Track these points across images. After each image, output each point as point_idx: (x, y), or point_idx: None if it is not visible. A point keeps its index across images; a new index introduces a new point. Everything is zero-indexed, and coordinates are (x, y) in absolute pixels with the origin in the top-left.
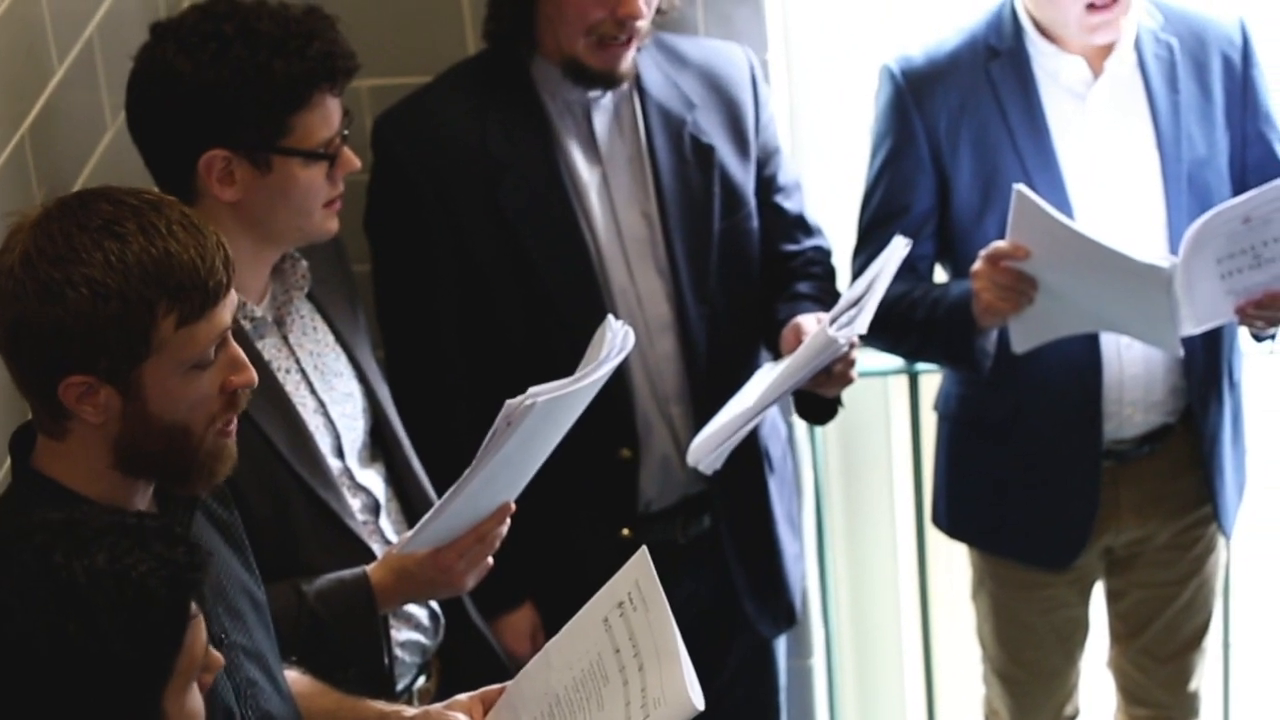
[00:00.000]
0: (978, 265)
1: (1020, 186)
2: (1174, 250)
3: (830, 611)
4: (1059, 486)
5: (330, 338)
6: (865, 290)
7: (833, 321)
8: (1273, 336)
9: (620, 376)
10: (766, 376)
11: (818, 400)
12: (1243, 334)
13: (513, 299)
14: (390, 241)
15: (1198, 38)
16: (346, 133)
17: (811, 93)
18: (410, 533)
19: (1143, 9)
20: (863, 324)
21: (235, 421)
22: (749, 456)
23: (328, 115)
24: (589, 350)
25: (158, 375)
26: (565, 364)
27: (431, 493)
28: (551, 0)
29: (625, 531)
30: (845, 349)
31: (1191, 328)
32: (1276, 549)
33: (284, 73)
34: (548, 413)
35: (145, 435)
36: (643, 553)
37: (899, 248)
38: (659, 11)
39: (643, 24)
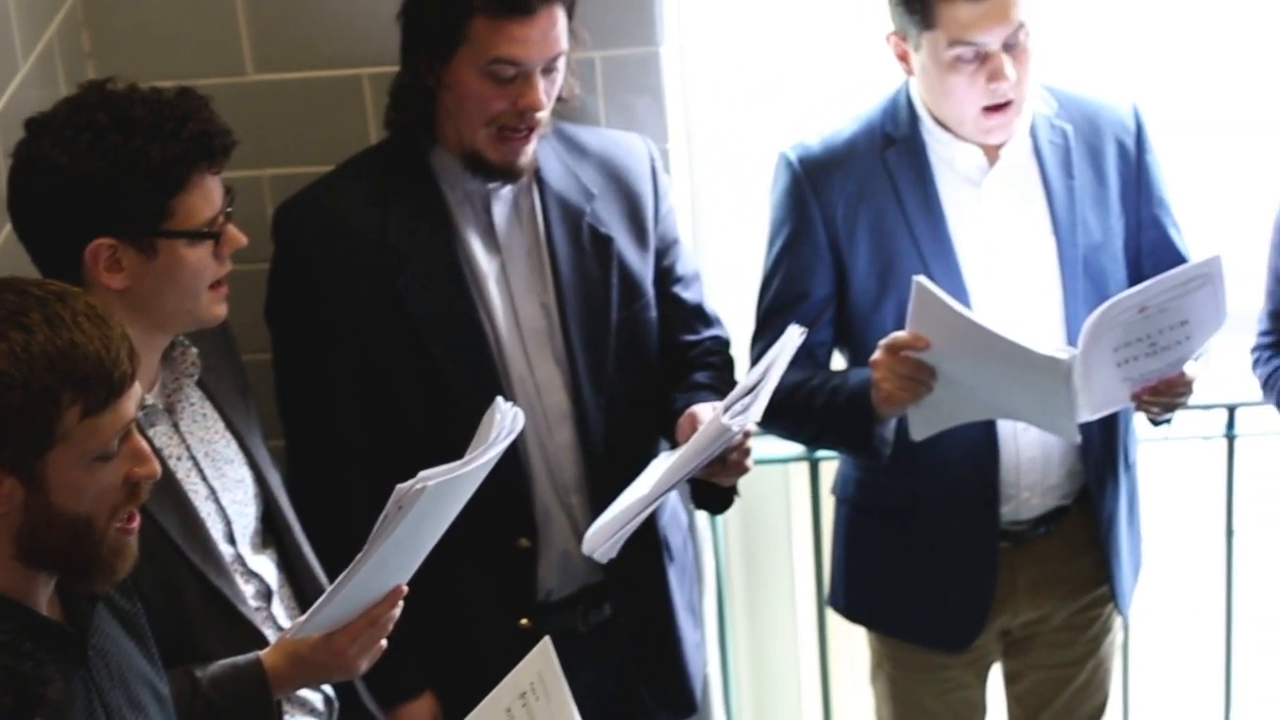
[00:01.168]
0: (877, 355)
1: (920, 278)
2: (1071, 336)
3: (732, 698)
4: (956, 569)
5: (220, 424)
6: (760, 378)
7: (726, 410)
8: (1169, 421)
9: (518, 466)
10: (662, 465)
11: (715, 489)
12: (1138, 418)
13: (412, 389)
14: (290, 331)
15: (1092, 123)
16: (230, 210)
17: (712, 182)
18: (304, 617)
19: (1037, 95)
20: (756, 412)
21: (137, 518)
22: (648, 546)
23: (209, 194)
24: (478, 433)
25: (61, 467)
26: (465, 453)
27: (323, 578)
28: (452, 92)
29: (524, 621)
30: (739, 437)
31: (1089, 415)
32: (1174, 628)
33: (161, 157)
34: (439, 496)
35: (48, 527)
36: (545, 643)
37: (793, 336)
38: (559, 100)
39: (543, 115)
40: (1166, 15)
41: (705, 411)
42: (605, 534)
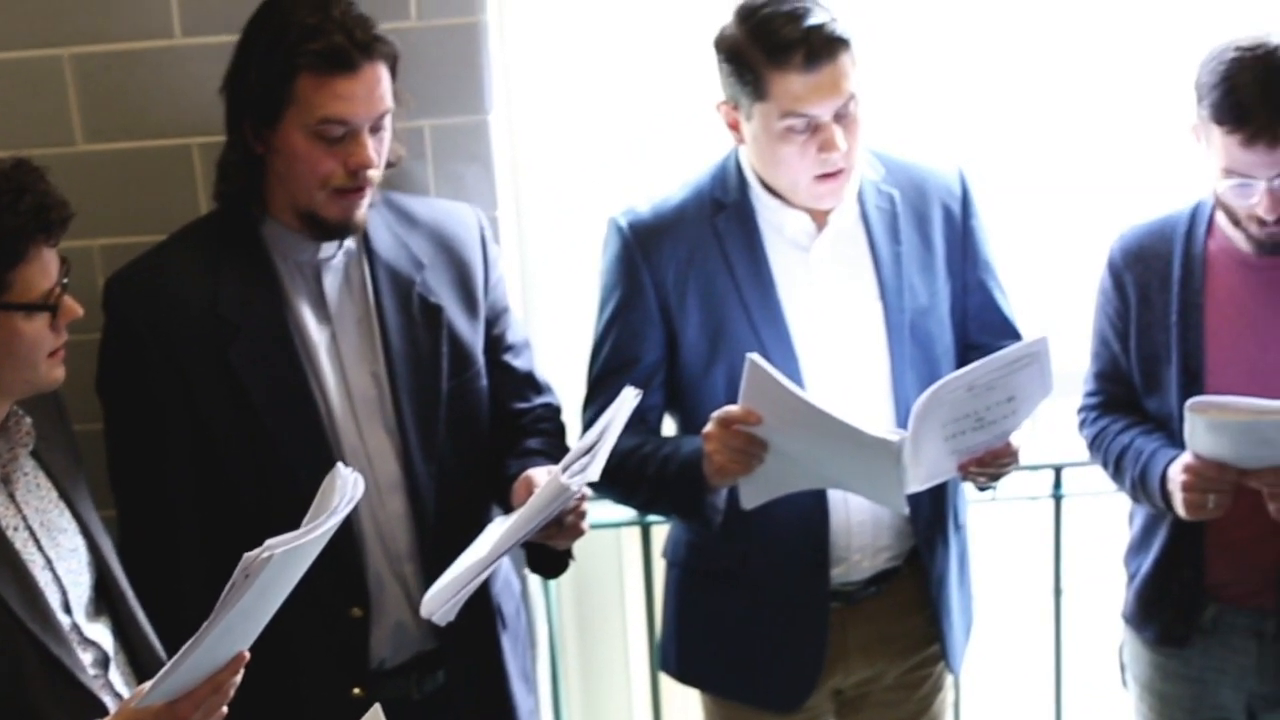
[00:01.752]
0: (710, 428)
1: (754, 356)
2: (898, 398)
3: None
4: (787, 630)
5: (54, 494)
6: (597, 439)
7: (565, 469)
8: (994, 488)
9: (350, 536)
10: (500, 528)
11: (550, 553)
12: (966, 482)
13: (243, 459)
14: (121, 401)
15: (918, 189)
16: (66, 281)
17: (541, 250)
18: (149, 684)
19: (864, 161)
20: (595, 471)
21: None
22: (482, 613)
23: (45, 266)
24: (318, 500)
25: None
26: (296, 524)
27: (158, 645)
28: (282, 156)
29: (357, 690)
30: (577, 498)
31: (917, 486)
32: (1004, 686)
33: None
34: (284, 564)
35: None
36: (376, 710)
37: (629, 398)
38: (388, 165)
39: (374, 174)
40: (991, 81)
41: (541, 475)
42: (444, 596)
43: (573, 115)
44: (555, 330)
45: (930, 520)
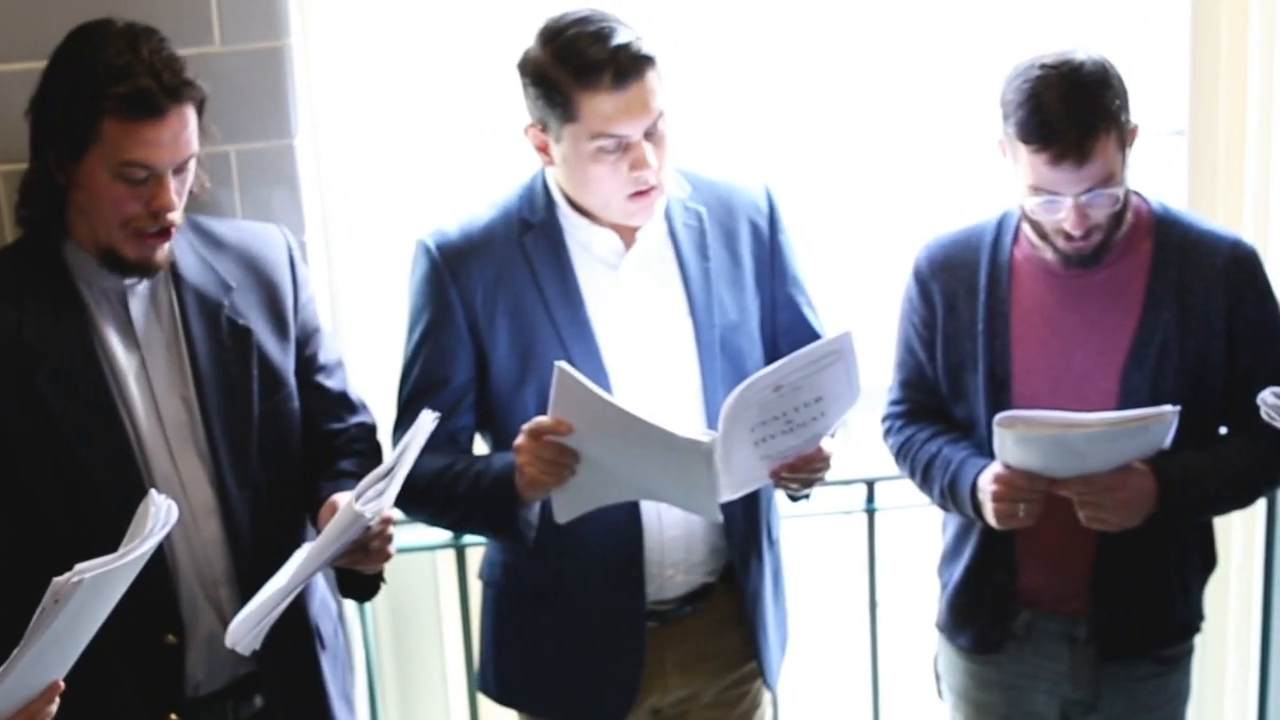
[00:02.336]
0: (520, 440)
1: (561, 363)
2: (710, 415)
3: None
4: (604, 649)
5: None
6: (394, 464)
7: (359, 496)
8: (807, 497)
9: (163, 562)
10: (303, 555)
11: (359, 577)
12: (779, 493)
13: (54, 488)
14: None
15: (726, 206)
16: None
17: (350, 271)
18: None
19: (672, 180)
20: (389, 499)
21: None
22: (300, 635)
23: None
24: (132, 526)
25: None
26: (110, 551)
27: None
28: (84, 191)
29: (173, 717)
30: (376, 524)
31: (730, 494)
32: (822, 701)
33: None
34: (95, 590)
35: None
36: None
37: (426, 422)
38: (191, 195)
39: (175, 215)
40: (795, 97)
41: (345, 499)
42: (247, 625)
43: (379, 137)
44: (366, 351)
45: (744, 536)
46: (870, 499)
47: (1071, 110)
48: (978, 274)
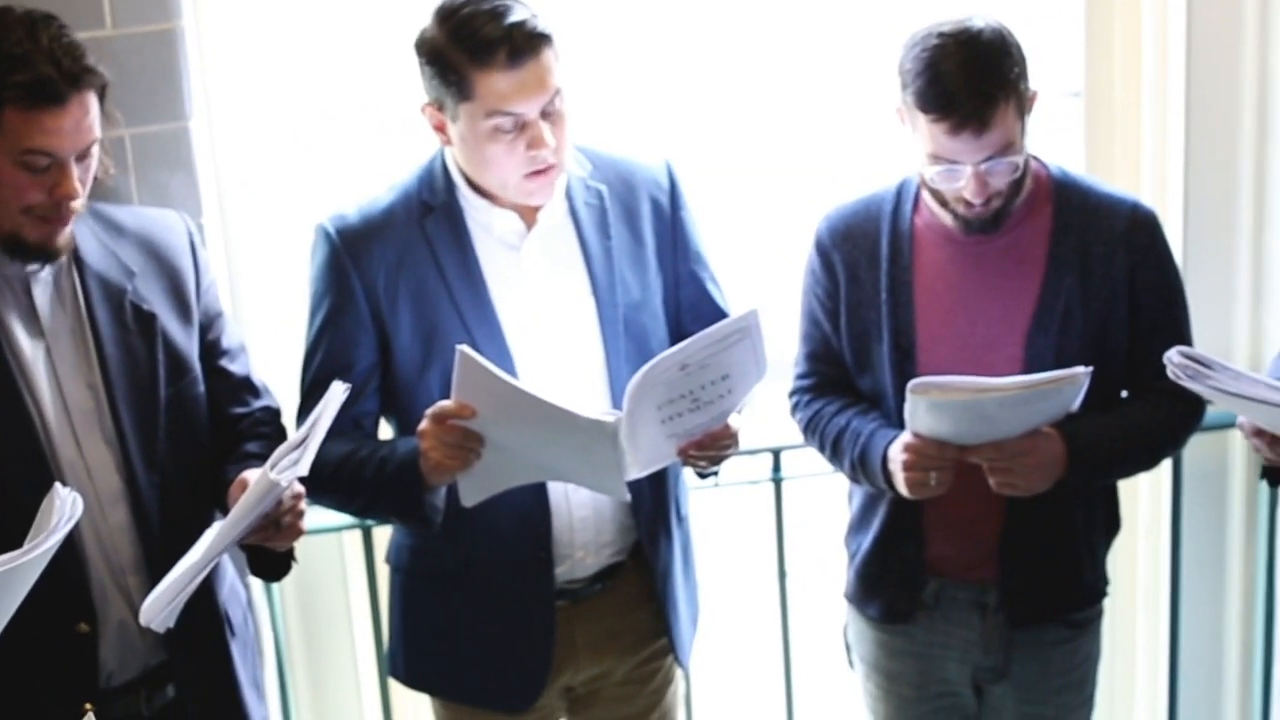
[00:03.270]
0: (424, 424)
1: (463, 347)
2: (615, 395)
3: None
4: (514, 630)
5: None
6: (306, 434)
7: (273, 465)
8: (715, 474)
9: (73, 550)
10: (216, 530)
11: (270, 556)
12: (687, 470)
13: None
14: None
15: (626, 183)
16: None
17: (250, 255)
18: None
19: (572, 158)
20: (305, 465)
21: None
22: (209, 622)
23: None
24: (38, 520)
25: None
26: (17, 542)
27: None
28: None
29: (87, 706)
30: (288, 496)
31: (637, 473)
32: (735, 676)
33: None
34: (3, 584)
35: None
36: None
37: (338, 393)
38: (95, 180)
39: (78, 202)
40: (692, 73)
41: (258, 471)
42: (161, 602)
43: (275, 118)
44: (267, 335)
45: (652, 513)
46: (776, 468)
47: (970, 79)
48: (879, 243)
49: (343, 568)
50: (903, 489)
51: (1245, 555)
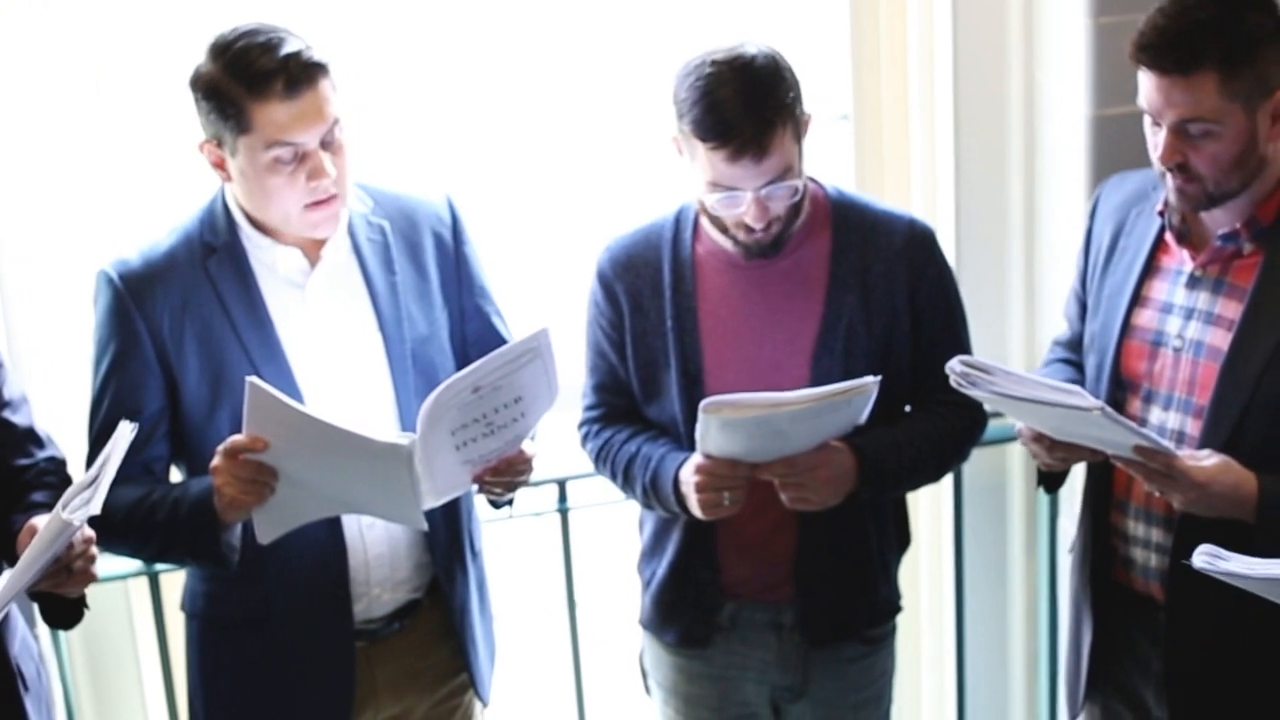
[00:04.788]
0: (217, 461)
1: (253, 379)
2: (406, 429)
3: None
4: (313, 672)
5: None
6: (97, 473)
7: (64, 506)
8: (510, 502)
9: None
10: (6, 575)
11: (62, 604)
12: (480, 502)
13: None
14: None
15: (409, 219)
16: None
17: (26, 303)
18: None
19: (353, 195)
20: (96, 505)
21: None
22: (2, 678)
23: None
24: None
25: None
26: None
27: None
28: None
29: None
30: (83, 542)
31: (433, 501)
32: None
33: None
34: None
35: None
36: None
37: (125, 432)
38: None
39: None
40: (473, 107)
41: (44, 521)
42: None
43: (48, 162)
44: (47, 385)
45: (447, 549)
46: (563, 499)
47: (747, 106)
48: (661, 272)
49: (129, 615)
50: (696, 510)
51: (1026, 567)
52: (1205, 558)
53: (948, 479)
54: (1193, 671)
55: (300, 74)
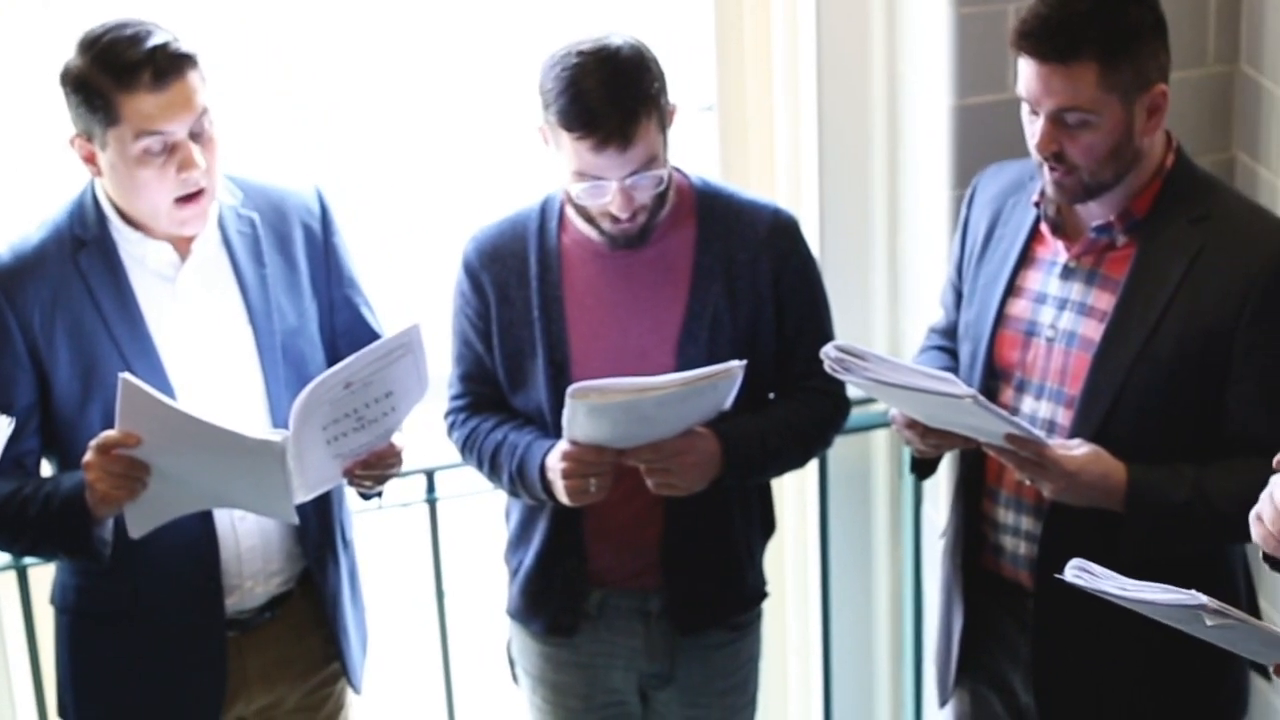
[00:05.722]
0: (89, 456)
1: (126, 375)
2: (276, 422)
3: None
4: (185, 664)
5: None
6: None
7: None
8: (379, 494)
9: None
10: None
11: None
12: (351, 493)
13: None
14: None
15: (278, 211)
16: None
17: None
18: None
19: (223, 187)
20: None
21: None
22: None
23: None
24: None
25: None
26: None
27: None
28: None
29: None
30: None
31: (304, 495)
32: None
33: None
34: None
35: None
36: None
37: (2, 426)
38: None
39: None
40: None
41: None
42: None
43: None
44: None
45: (319, 539)
46: (431, 489)
47: (612, 96)
48: (528, 262)
49: None
50: (563, 497)
51: (891, 553)
52: (1076, 571)
53: (812, 466)
54: (1060, 658)
55: (168, 65)
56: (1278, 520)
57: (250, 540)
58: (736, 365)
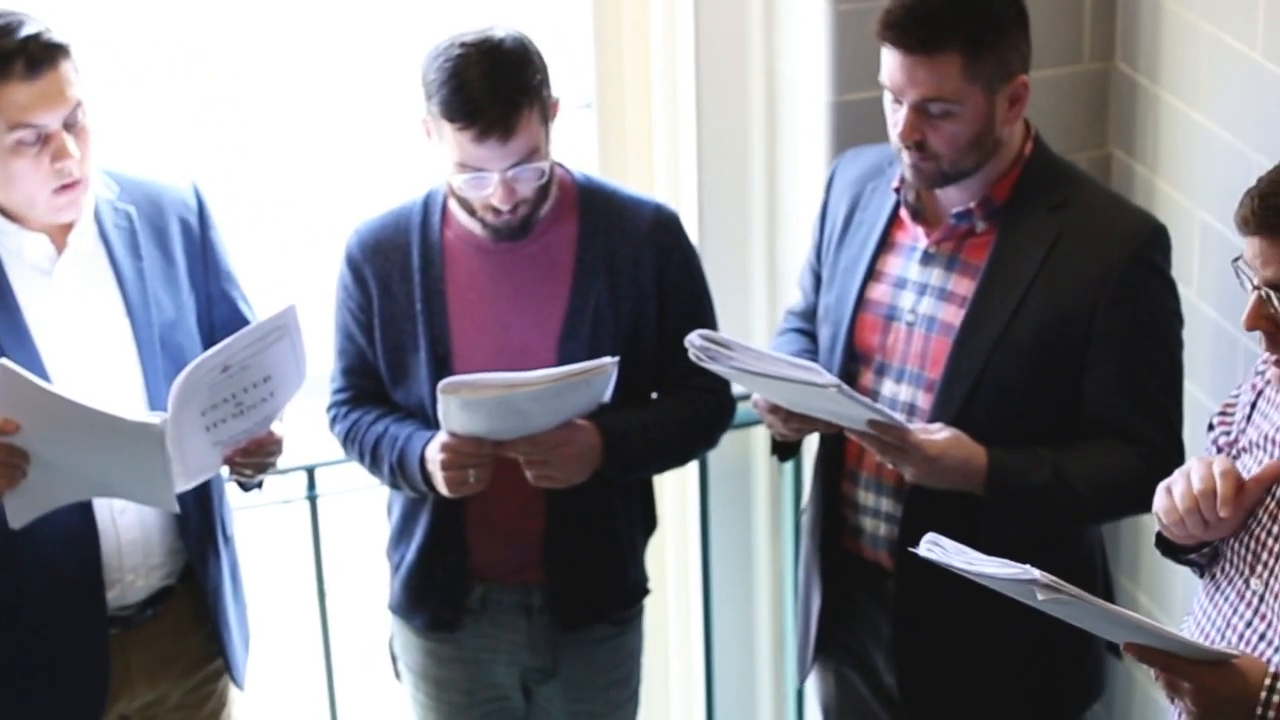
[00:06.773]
0: None
1: (3, 361)
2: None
3: None
4: (67, 661)
5: None
6: None
7: None
8: (259, 485)
9: None
10: None
11: None
12: (231, 489)
13: None
14: None
15: (155, 204)
16: None
17: None
18: None
19: (99, 181)
20: None
21: None
22: None
23: None
24: None
25: None
26: None
27: None
28: None
29: None
30: None
31: (185, 484)
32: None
33: None
34: None
35: None
36: None
37: None
38: None
39: None
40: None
41: None
42: None
43: None
44: None
45: (200, 533)
46: (311, 486)
47: (494, 87)
48: (410, 255)
49: None
50: (442, 488)
51: (772, 548)
52: (929, 545)
53: (692, 463)
54: (921, 638)
55: (41, 55)
56: (1188, 497)
57: (131, 533)
58: (609, 362)
